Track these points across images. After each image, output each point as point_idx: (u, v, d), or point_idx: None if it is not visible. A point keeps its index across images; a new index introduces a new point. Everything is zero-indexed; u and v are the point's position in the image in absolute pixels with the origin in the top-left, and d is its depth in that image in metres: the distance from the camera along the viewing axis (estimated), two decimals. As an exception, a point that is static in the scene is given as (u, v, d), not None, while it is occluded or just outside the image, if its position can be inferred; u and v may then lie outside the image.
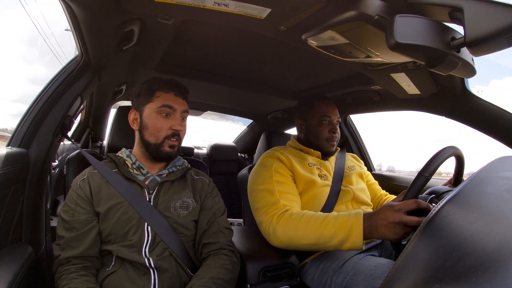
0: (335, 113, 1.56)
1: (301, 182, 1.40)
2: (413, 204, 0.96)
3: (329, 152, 1.56)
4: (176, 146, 1.16)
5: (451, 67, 0.79)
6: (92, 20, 0.96)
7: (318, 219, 1.15)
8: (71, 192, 1.09)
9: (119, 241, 1.05)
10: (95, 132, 2.79)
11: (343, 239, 1.08)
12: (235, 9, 0.92)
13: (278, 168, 1.39)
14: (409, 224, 0.96)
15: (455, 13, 0.71)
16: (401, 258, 0.57)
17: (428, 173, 0.98)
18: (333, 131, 1.53)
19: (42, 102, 1.13)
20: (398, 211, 0.98)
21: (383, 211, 1.02)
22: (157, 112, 1.13)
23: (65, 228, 1.04)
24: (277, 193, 1.30)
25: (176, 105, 1.14)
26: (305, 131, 1.60)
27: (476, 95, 1.30)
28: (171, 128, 1.14)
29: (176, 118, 1.15)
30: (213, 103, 2.61)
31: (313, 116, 1.55)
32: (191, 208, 1.15)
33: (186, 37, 1.29)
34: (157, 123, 1.13)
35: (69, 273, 0.97)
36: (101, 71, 1.33)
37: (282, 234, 1.19)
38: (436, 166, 1.00)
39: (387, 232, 1.00)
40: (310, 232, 1.13)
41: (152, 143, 1.14)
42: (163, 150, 1.14)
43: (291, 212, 1.21)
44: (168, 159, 1.19)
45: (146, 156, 1.17)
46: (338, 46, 1.06)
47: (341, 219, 1.11)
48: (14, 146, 1.07)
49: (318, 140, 1.54)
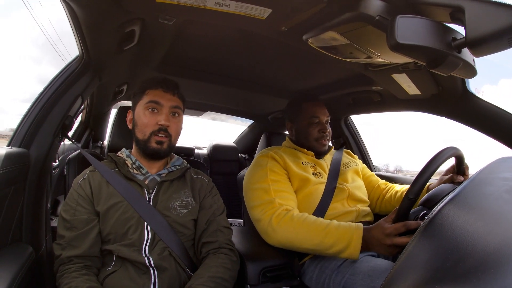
0: (324, 112, 1.58)
1: (295, 179, 1.42)
2: (402, 228, 1.01)
3: (321, 152, 1.58)
4: (164, 143, 1.15)
5: (452, 68, 0.79)
6: (93, 20, 0.96)
7: (320, 226, 1.17)
8: (71, 191, 1.10)
9: (119, 240, 1.05)
10: (96, 132, 2.80)
11: (341, 249, 1.11)
12: (236, 9, 0.92)
13: (273, 167, 1.41)
14: (401, 245, 1.01)
15: (456, 13, 0.71)
16: (401, 259, 0.57)
17: (413, 195, 0.99)
18: (322, 131, 1.55)
19: (42, 102, 1.14)
20: (388, 235, 1.03)
21: (376, 231, 1.07)
22: (144, 109, 1.15)
23: (66, 227, 1.04)
24: (272, 192, 1.32)
25: (163, 101, 1.15)
26: (295, 134, 1.62)
27: (477, 96, 1.30)
28: (158, 123, 1.13)
29: (163, 114, 1.14)
30: (214, 103, 2.61)
31: (302, 118, 1.57)
32: (190, 207, 1.16)
33: (187, 37, 1.29)
34: (144, 119, 1.14)
35: (70, 272, 0.97)
36: (102, 71, 1.33)
37: (281, 235, 1.20)
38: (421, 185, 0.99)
39: (381, 250, 1.07)
40: (310, 238, 1.16)
41: (140, 139, 1.15)
42: (150, 146, 1.14)
43: (292, 214, 1.22)
44: (157, 156, 1.17)
45: (142, 155, 1.18)
46: (339, 47, 1.06)
47: (342, 229, 1.13)
48: (14, 146, 1.07)
49: (308, 142, 1.56)
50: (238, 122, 3.53)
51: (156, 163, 1.21)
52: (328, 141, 1.59)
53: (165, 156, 1.20)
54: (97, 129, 2.76)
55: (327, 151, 1.62)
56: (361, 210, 1.45)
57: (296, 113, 1.60)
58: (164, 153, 1.17)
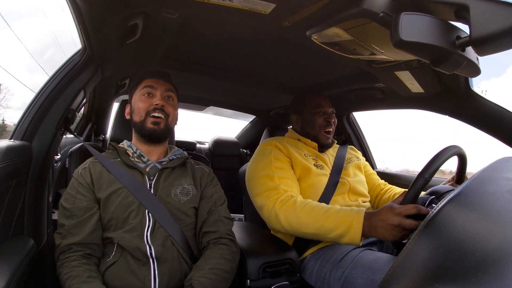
0: (329, 104, 1.60)
1: (298, 167, 1.43)
2: (413, 210, 0.98)
3: (324, 144, 1.59)
4: (161, 123, 1.17)
5: (455, 66, 0.78)
6: (95, 13, 0.95)
7: (320, 210, 1.17)
8: (72, 181, 1.11)
9: (120, 226, 1.06)
10: (98, 125, 2.80)
11: (341, 233, 1.10)
12: (240, 4, 0.92)
13: (277, 155, 1.43)
14: (407, 227, 0.97)
15: (461, 11, 0.70)
16: (401, 257, 0.57)
17: (428, 175, 0.98)
18: (328, 119, 1.57)
19: (45, 96, 1.14)
20: (398, 214, 0.99)
21: (383, 212, 1.03)
22: (141, 95, 1.20)
23: (66, 216, 1.05)
24: (277, 179, 1.33)
25: (156, 85, 1.20)
26: (301, 124, 1.63)
27: (480, 95, 1.30)
28: (152, 104, 1.17)
29: (158, 95, 1.19)
30: (216, 98, 2.61)
31: (308, 109, 1.59)
32: (191, 195, 1.17)
33: (190, 32, 1.29)
34: (140, 103, 1.19)
35: (70, 261, 0.98)
36: (104, 65, 1.33)
37: (284, 220, 1.21)
38: (436, 167, 1.00)
39: (385, 233, 1.02)
40: (311, 222, 1.16)
41: (137, 121, 1.18)
42: (146, 126, 1.16)
43: (295, 200, 1.24)
44: (155, 138, 1.20)
45: (141, 141, 1.21)
46: (342, 43, 1.05)
47: (343, 213, 1.13)
48: (17, 139, 1.07)
49: (314, 130, 1.58)
50: (239, 117, 3.52)
51: (156, 148, 1.22)
52: (332, 132, 1.60)
53: (163, 137, 1.22)
54: (99, 122, 2.76)
55: (330, 145, 1.63)
56: (362, 205, 1.46)
57: (302, 105, 1.63)
58: (162, 133, 1.19)
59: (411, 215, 0.98)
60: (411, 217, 0.98)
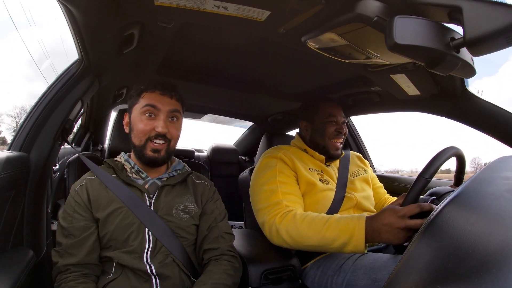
0: (341, 113, 1.55)
1: (303, 182, 1.39)
2: (417, 209, 0.96)
3: (334, 155, 1.53)
4: (161, 150, 1.11)
5: (450, 68, 0.79)
6: (92, 23, 0.96)
7: (321, 221, 1.14)
8: (69, 198, 1.09)
9: (120, 247, 1.04)
10: (96, 135, 2.79)
11: (344, 242, 1.07)
12: (235, 12, 0.93)
13: (282, 168, 1.39)
14: (414, 227, 0.95)
15: (454, 13, 0.71)
16: (403, 260, 0.57)
17: (429, 175, 0.98)
18: (339, 130, 1.51)
19: (42, 106, 1.14)
20: (402, 216, 0.97)
21: (386, 216, 1.01)
22: (141, 113, 1.10)
23: (64, 234, 1.03)
24: (280, 194, 1.30)
25: (160, 105, 1.10)
26: (310, 132, 1.57)
27: (476, 95, 1.30)
28: (154, 129, 1.09)
29: (161, 119, 1.10)
30: (213, 105, 2.61)
31: (320, 117, 1.53)
32: (193, 213, 1.14)
33: (186, 40, 1.30)
34: (140, 124, 1.10)
35: (68, 281, 0.97)
36: (101, 75, 1.33)
37: (284, 234, 1.18)
38: (436, 167, 1.00)
39: (391, 237, 0.99)
40: (312, 234, 1.13)
41: (137, 145, 1.12)
42: (146, 154, 1.10)
43: (294, 213, 1.21)
44: (154, 164, 1.14)
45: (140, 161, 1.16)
46: (337, 48, 1.06)
47: (343, 221, 1.10)
48: (15, 150, 1.07)
49: (324, 140, 1.52)
50: (236, 124, 3.52)
51: (156, 167, 1.18)
52: (341, 144, 1.55)
53: (163, 163, 1.17)
54: (97, 132, 2.75)
55: (338, 157, 1.58)
56: None
57: (313, 112, 1.56)
58: (162, 161, 1.14)
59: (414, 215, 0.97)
60: (415, 217, 0.97)
